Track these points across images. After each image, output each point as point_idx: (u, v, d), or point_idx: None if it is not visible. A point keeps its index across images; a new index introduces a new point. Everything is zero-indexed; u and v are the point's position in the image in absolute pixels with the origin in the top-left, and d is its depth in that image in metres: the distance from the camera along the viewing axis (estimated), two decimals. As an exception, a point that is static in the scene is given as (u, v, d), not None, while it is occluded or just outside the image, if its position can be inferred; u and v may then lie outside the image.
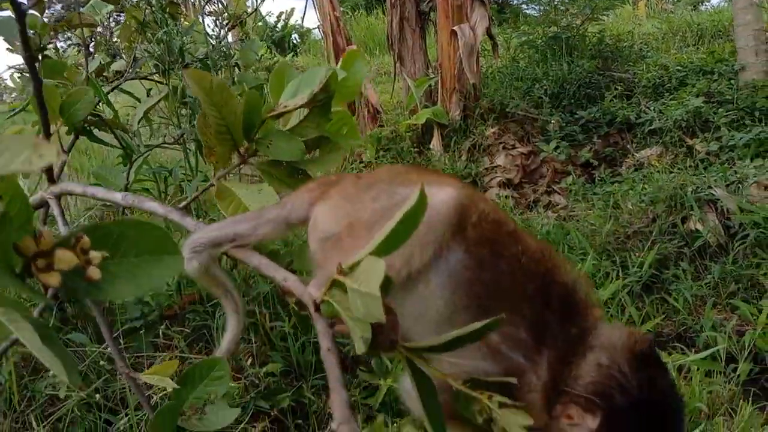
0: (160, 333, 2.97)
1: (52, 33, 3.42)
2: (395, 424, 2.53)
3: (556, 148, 5.85)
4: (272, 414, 2.66)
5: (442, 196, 0.94)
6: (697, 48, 7.87)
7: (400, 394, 0.96)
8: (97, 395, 2.62)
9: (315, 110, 1.19)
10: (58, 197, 1.38)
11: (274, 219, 1.06)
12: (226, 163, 1.25)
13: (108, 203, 2.97)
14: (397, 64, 6.97)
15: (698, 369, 2.93)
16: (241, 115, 1.17)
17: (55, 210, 1.39)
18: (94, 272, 0.64)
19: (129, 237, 0.69)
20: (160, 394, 2.39)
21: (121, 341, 2.83)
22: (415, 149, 6.19)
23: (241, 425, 2.50)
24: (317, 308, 0.79)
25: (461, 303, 0.94)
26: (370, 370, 1.03)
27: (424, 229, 0.87)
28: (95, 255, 0.65)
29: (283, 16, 12.62)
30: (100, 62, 3.21)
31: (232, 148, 1.21)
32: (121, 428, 2.49)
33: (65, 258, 0.63)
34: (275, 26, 12.31)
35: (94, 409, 2.63)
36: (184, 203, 1.28)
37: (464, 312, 0.94)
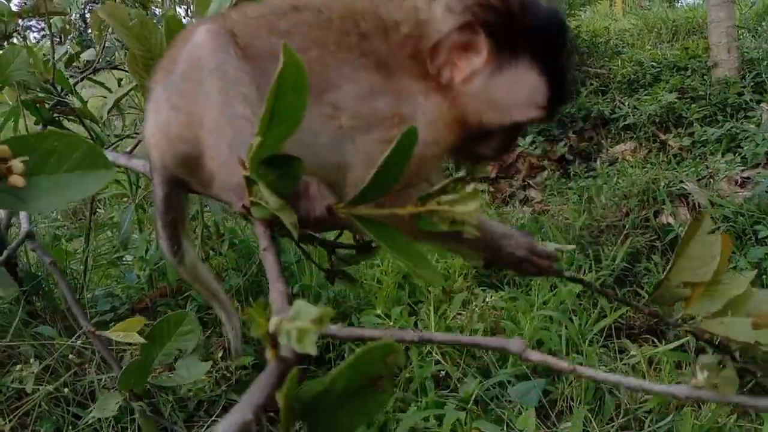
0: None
1: (19, 20, 3.35)
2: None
3: (532, 143, 5.88)
4: (244, 407, 2.63)
5: (199, 35, 0.88)
6: (672, 44, 7.95)
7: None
8: (66, 389, 2.58)
9: None
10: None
11: None
12: None
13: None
14: None
15: (668, 360, 2.97)
16: (165, 44, 1.14)
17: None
18: (16, 180, 0.62)
19: (56, 151, 0.66)
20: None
21: (91, 335, 2.79)
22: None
23: (212, 418, 2.48)
24: (248, 213, 0.76)
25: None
26: (350, 278, 1.03)
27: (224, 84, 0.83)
28: (16, 163, 0.63)
29: None
30: (68, 51, 3.15)
31: None
32: (90, 422, 2.46)
33: (-19, 168, 0.62)
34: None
35: (62, 404, 2.59)
36: (130, 147, 1.25)
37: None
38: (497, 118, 0.88)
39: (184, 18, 4.06)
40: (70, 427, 2.48)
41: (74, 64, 3.50)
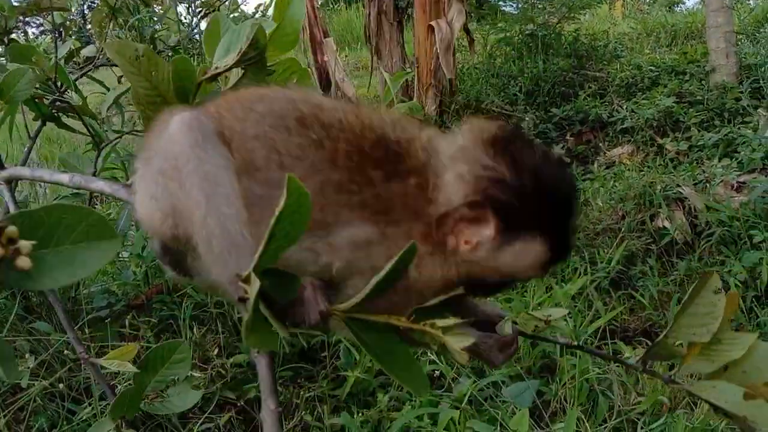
0: (127, 323, 2.94)
1: (20, 17, 3.36)
2: (362, 414, 2.54)
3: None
4: (239, 404, 2.65)
5: (173, 127, 0.86)
6: (671, 49, 7.98)
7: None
8: (61, 385, 2.59)
9: (250, 68, 1.16)
10: (9, 182, 1.35)
11: None
12: None
13: (79, 191, 2.94)
14: (375, 58, 6.96)
15: (662, 363, 2.98)
16: (171, 82, 1.14)
17: (5, 196, 1.36)
18: (23, 262, 0.62)
19: (63, 224, 0.66)
20: (126, 383, 2.37)
21: (86, 331, 2.79)
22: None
23: (206, 414, 2.49)
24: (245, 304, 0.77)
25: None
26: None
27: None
28: (24, 244, 0.62)
29: (260, 8, 12.50)
30: (71, 47, 3.15)
31: None
32: (85, 418, 2.46)
33: (-11, 249, 0.61)
34: (253, 16, 12.19)
35: (57, 399, 2.59)
36: (131, 180, 1.25)
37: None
38: (498, 277, 0.89)
39: (185, 17, 4.07)
40: (65, 423, 2.48)
41: (74, 59, 3.51)
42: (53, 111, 2.87)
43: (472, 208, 0.83)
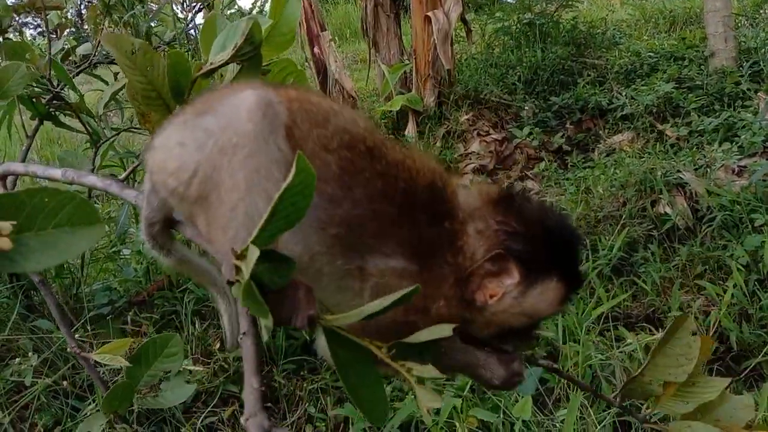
0: (129, 320, 2.95)
1: (15, 16, 3.35)
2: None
3: (530, 134, 5.88)
4: (242, 398, 2.65)
5: (245, 102, 0.87)
6: (669, 34, 7.94)
7: (317, 350, 0.92)
8: (64, 382, 2.60)
9: (245, 65, 1.15)
10: (2, 178, 1.35)
11: None
12: None
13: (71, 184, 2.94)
14: (372, 51, 6.94)
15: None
16: (166, 77, 1.13)
17: (-1, 191, 1.36)
18: (2, 242, 0.61)
19: (46, 207, 0.65)
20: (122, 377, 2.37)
21: (89, 328, 2.80)
22: (391, 136, 6.18)
23: (209, 408, 2.50)
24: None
25: (323, 246, 0.90)
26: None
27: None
28: (4, 225, 0.62)
29: (257, 4, 12.46)
30: (65, 45, 3.14)
31: (166, 112, 1.18)
32: (89, 414, 2.46)
33: (-33, 230, 0.61)
34: (250, 11, 12.15)
35: (61, 396, 2.60)
36: (123, 175, 1.25)
37: (331, 253, 0.90)
38: (525, 321, 0.97)
39: (180, 13, 4.07)
40: (69, 420, 2.49)
41: (70, 58, 3.50)
42: (50, 110, 2.87)
43: (495, 262, 0.92)
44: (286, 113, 0.89)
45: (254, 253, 0.66)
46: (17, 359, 2.59)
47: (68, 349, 1.22)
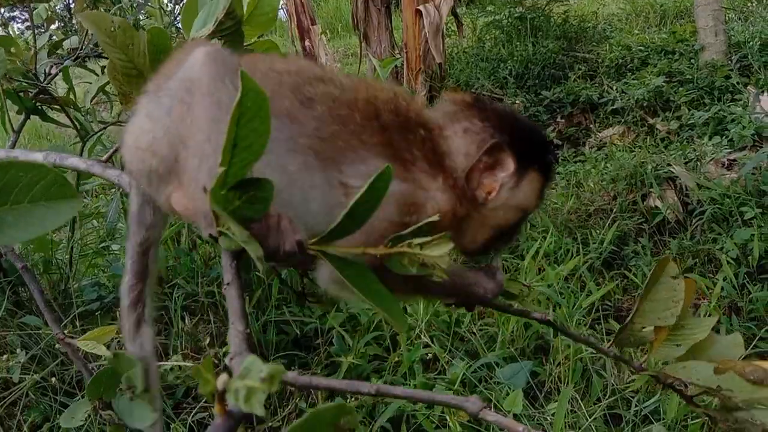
0: (118, 315, 2.92)
1: (1, 9, 3.31)
2: (356, 399, 2.53)
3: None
4: (233, 393, 2.63)
5: (196, 56, 0.87)
6: (660, 28, 7.96)
7: (320, 288, 0.91)
8: (53, 378, 2.57)
9: (226, 40, 1.14)
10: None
11: None
12: None
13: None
14: (363, 44, 6.91)
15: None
16: (147, 55, 1.12)
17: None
18: None
19: (20, 181, 0.64)
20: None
21: (77, 324, 2.77)
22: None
23: (200, 404, 2.48)
24: (216, 241, 0.76)
25: (296, 164, 0.88)
26: (320, 300, 1.03)
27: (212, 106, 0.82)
28: None
29: (248, -3, 12.39)
30: (50, 37, 3.11)
31: None
32: (82, 402, 2.45)
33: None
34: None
35: (50, 393, 2.58)
36: (106, 156, 1.23)
37: (306, 169, 0.89)
38: (514, 218, 1.01)
39: (167, 4, 4.03)
40: (58, 416, 2.47)
41: (58, 52, 3.47)
42: (36, 104, 2.84)
43: (491, 153, 0.95)
44: (234, 58, 0.89)
45: (226, 183, 0.65)
46: (5, 356, 2.56)
47: (55, 337, 1.19)
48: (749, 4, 7.50)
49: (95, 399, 0.96)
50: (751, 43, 5.92)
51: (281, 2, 7.36)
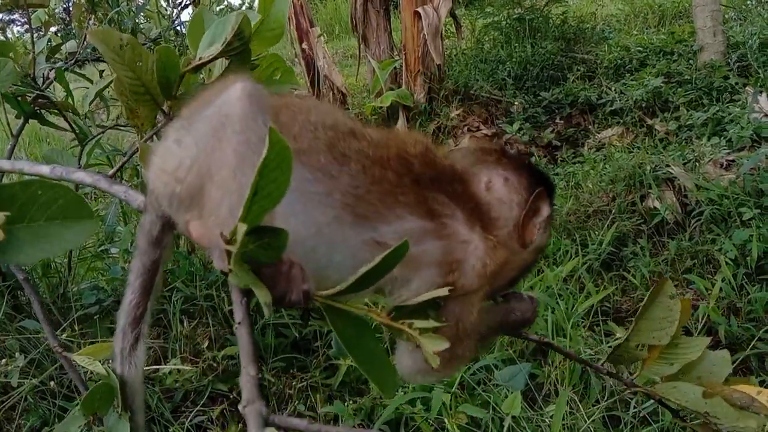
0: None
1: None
2: (354, 402, 2.54)
3: (519, 129, 5.88)
4: (231, 396, 2.64)
5: (234, 91, 0.88)
6: (658, 29, 7.96)
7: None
8: (51, 382, 2.58)
9: (234, 59, 1.15)
10: (-11, 175, 1.34)
11: None
12: (152, 123, 1.21)
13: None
14: (362, 46, 6.92)
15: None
16: (155, 72, 1.12)
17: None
18: None
19: (38, 200, 0.65)
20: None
21: (76, 328, 2.78)
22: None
23: (198, 407, 2.48)
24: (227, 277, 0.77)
25: (327, 217, 0.90)
26: (323, 317, 1.04)
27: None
28: None
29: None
30: (49, 41, 3.11)
31: (155, 107, 1.17)
32: (77, 415, 2.45)
33: (-40, 220, 0.60)
34: (240, 7, 12.09)
35: (48, 397, 2.58)
36: (112, 171, 1.24)
37: (337, 223, 0.90)
38: (536, 257, 1.09)
39: (167, 9, 4.02)
40: (56, 420, 2.47)
41: (56, 56, 3.47)
42: (35, 108, 2.84)
43: (536, 201, 1.01)
44: (271, 100, 0.91)
45: (242, 229, 0.66)
46: (3, 360, 2.56)
47: (53, 349, 1.19)
48: (747, 3, 7.50)
49: (89, 414, 0.96)
50: (749, 42, 5.92)
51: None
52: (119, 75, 1.18)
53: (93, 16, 3.39)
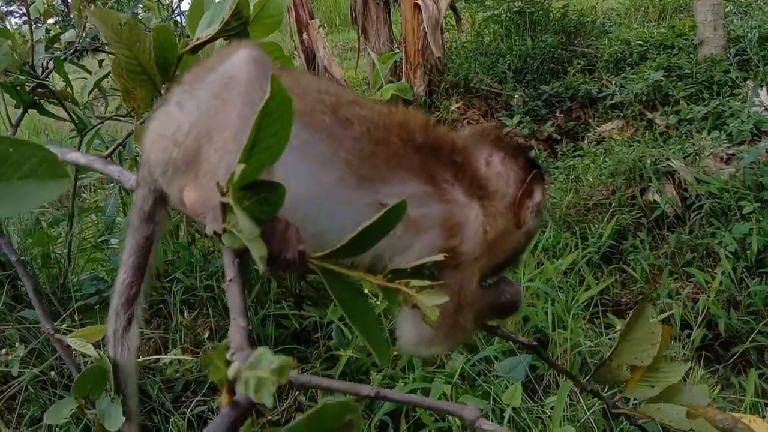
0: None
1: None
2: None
3: (520, 122, 5.88)
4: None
5: (240, 55, 0.88)
6: (659, 23, 7.95)
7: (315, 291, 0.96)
8: (52, 372, 2.57)
9: (232, 40, 1.14)
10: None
11: None
12: (149, 106, 1.20)
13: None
14: (362, 39, 6.89)
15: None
16: (152, 53, 1.12)
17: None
18: None
19: (11, 158, 0.64)
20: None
21: (76, 318, 2.77)
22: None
23: (198, 397, 2.48)
24: (219, 238, 0.76)
25: (331, 178, 0.90)
26: (316, 303, 1.04)
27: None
28: None
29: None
30: (48, 31, 3.10)
31: (152, 89, 1.16)
32: (68, 399, 2.44)
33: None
34: None
35: (49, 387, 2.58)
36: (108, 152, 1.23)
37: (341, 185, 0.90)
38: (527, 242, 1.09)
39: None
40: (57, 410, 2.47)
41: (55, 45, 3.45)
42: (34, 98, 2.83)
43: (532, 182, 1.01)
44: (275, 67, 0.93)
45: (240, 171, 0.65)
46: (3, 349, 2.56)
47: (46, 331, 1.19)
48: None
49: (82, 397, 0.96)
50: (749, 35, 5.91)
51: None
52: (117, 54, 1.17)
53: (92, 5, 3.37)
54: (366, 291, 0.85)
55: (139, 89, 1.16)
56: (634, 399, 1.08)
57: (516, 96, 6.19)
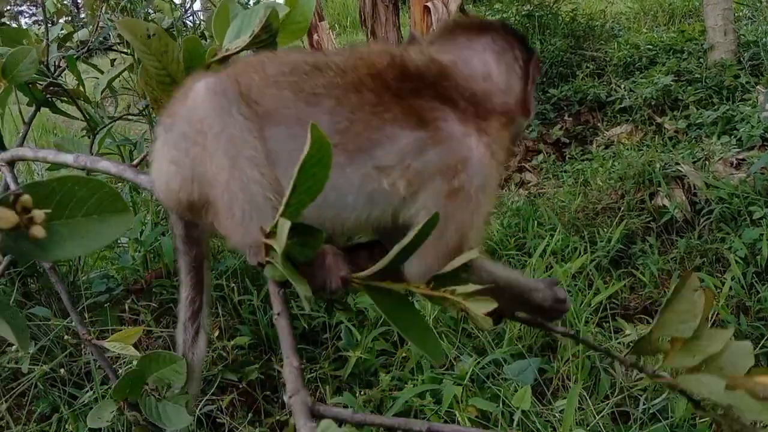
0: (127, 308, 2.93)
1: (10, 3, 3.31)
2: (364, 394, 2.54)
3: (528, 125, 5.86)
4: (240, 386, 2.64)
5: (197, 92, 0.88)
6: (668, 27, 7.93)
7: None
8: (62, 369, 2.58)
9: (261, 52, 1.15)
10: (10, 163, 1.34)
11: None
12: None
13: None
14: (370, 41, 6.90)
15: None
16: (182, 62, 1.13)
17: (7, 177, 1.35)
18: (37, 231, 0.61)
19: (75, 195, 0.65)
20: (126, 366, 2.36)
21: (86, 316, 2.78)
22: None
23: (207, 396, 2.49)
24: (263, 269, 0.77)
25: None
26: (346, 308, 1.05)
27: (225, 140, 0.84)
28: (38, 213, 0.62)
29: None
30: (61, 29, 3.11)
31: None
32: (86, 402, 2.46)
33: (4, 216, 0.61)
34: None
35: (59, 384, 2.59)
36: (137, 160, 1.25)
37: (334, 168, 0.89)
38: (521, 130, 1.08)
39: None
40: (66, 407, 2.48)
41: (67, 44, 3.47)
42: (47, 96, 2.84)
43: (534, 71, 1.01)
44: (234, 84, 0.90)
45: (285, 227, 0.66)
46: (14, 346, 2.57)
47: (81, 337, 1.21)
48: (760, 2, 7.46)
49: (121, 399, 0.98)
50: (761, 40, 5.89)
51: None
52: (146, 64, 1.19)
53: (105, 4, 3.39)
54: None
55: (167, 98, 1.18)
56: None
57: (524, 99, 6.19)
